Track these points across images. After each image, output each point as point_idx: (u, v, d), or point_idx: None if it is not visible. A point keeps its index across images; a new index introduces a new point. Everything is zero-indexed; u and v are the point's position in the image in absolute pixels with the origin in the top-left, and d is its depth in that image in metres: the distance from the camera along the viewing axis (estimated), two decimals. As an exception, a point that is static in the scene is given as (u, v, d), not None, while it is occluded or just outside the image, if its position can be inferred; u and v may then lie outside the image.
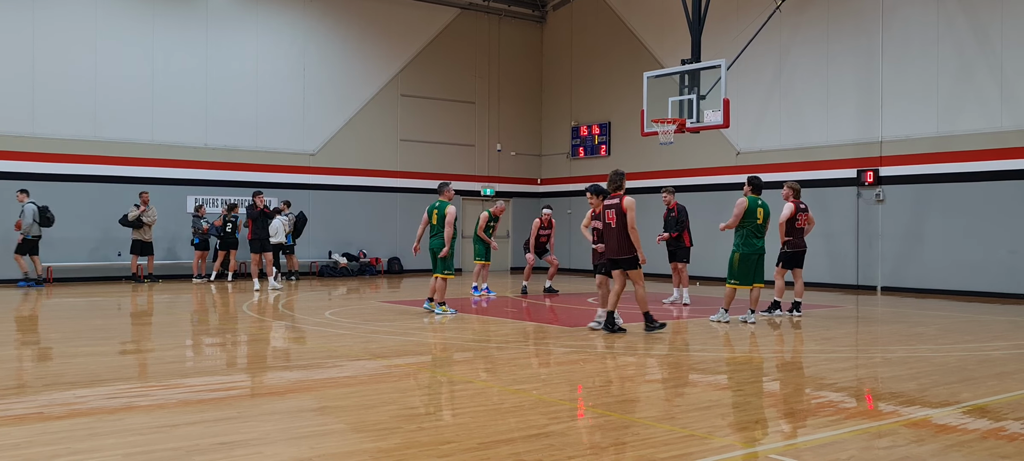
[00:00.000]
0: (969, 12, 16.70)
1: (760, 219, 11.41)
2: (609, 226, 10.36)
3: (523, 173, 26.12)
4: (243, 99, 21.27)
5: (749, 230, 11.39)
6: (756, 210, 11.37)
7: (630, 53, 23.24)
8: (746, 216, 11.35)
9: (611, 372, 7.83)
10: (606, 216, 10.40)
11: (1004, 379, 7.54)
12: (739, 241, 11.46)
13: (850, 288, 18.32)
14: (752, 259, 11.40)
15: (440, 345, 9.70)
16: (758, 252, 11.45)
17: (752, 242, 11.40)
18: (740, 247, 11.42)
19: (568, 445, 5.07)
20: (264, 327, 11.36)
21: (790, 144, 19.58)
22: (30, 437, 5.19)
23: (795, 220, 12.29)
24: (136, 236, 18.83)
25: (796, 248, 12.39)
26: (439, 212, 12.08)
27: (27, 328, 11.32)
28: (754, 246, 11.42)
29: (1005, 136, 16.13)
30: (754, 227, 11.38)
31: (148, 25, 20.05)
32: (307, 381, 7.24)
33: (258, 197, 17.64)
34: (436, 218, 12.11)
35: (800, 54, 19.43)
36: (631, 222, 10.15)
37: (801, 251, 12.45)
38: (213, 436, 5.23)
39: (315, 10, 22.37)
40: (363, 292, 17.19)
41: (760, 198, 11.55)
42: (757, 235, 11.42)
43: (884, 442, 5.29)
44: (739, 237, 11.45)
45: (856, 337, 10.77)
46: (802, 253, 12.47)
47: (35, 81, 18.72)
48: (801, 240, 12.42)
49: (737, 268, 11.44)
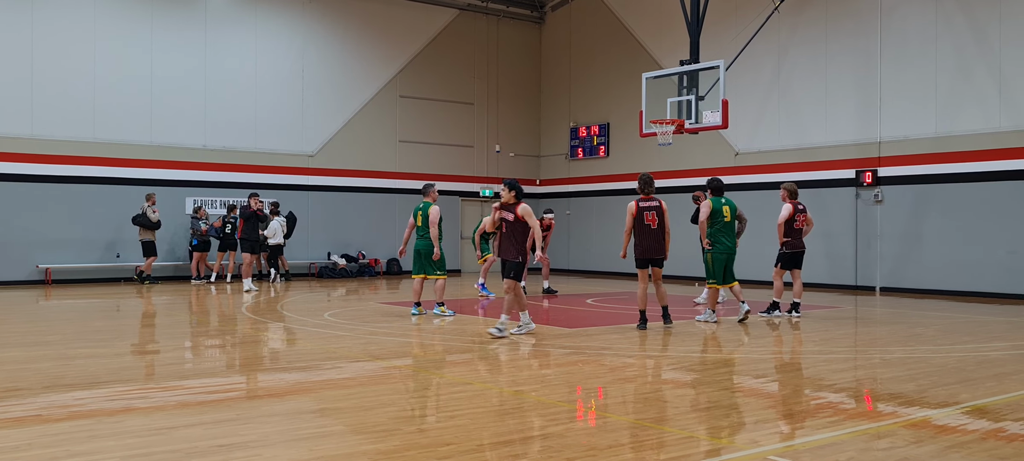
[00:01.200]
0: (967, 12, 16.71)
1: (728, 218, 11.63)
2: (649, 227, 10.81)
3: (522, 174, 26.11)
4: (242, 100, 21.27)
5: (718, 230, 11.61)
6: (722, 209, 11.62)
7: (629, 54, 23.25)
8: (713, 217, 11.58)
9: (609, 374, 7.83)
10: (646, 217, 10.86)
11: (1003, 380, 7.54)
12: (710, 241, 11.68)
13: (849, 289, 18.33)
14: (722, 258, 11.62)
15: (438, 347, 9.70)
16: (727, 251, 11.64)
17: (721, 241, 11.61)
18: (711, 247, 11.64)
19: (566, 447, 5.08)
20: (263, 329, 11.35)
21: (789, 145, 19.59)
22: (30, 439, 5.19)
23: (793, 221, 12.32)
24: (143, 237, 18.75)
25: (795, 248, 12.41)
26: (424, 213, 12.06)
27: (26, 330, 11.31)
28: (723, 245, 11.62)
29: (1004, 136, 16.14)
30: (722, 226, 11.60)
31: (147, 26, 20.05)
32: (306, 383, 7.24)
33: (253, 198, 17.66)
34: (421, 220, 12.10)
35: (799, 54, 19.44)
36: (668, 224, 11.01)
37: (800, 252, 12.47)
38: (212, 438, 5.23)
39: (314, 11, 22.38)
40: (362, 293, 17.18)
41: (723, 198, 11.77)
42: (725, 235, 11.64)
43: (883, 443, 5.29)
44: (710, 236, 11.67)
45: (855, 338, 10.77)
46: (801, 254, 12.49)
47: (34, 83, 18.72)
48: (800, 241, 12.44)
49: (712, 268, 11.65)
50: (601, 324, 11.77)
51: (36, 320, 12.52)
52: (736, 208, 11.87)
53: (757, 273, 18.67)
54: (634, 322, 11.17)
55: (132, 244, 19.44)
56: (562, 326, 11.61)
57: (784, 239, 12.36)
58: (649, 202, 10.88)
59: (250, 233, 17.41)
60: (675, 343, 9.86)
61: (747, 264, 17.85)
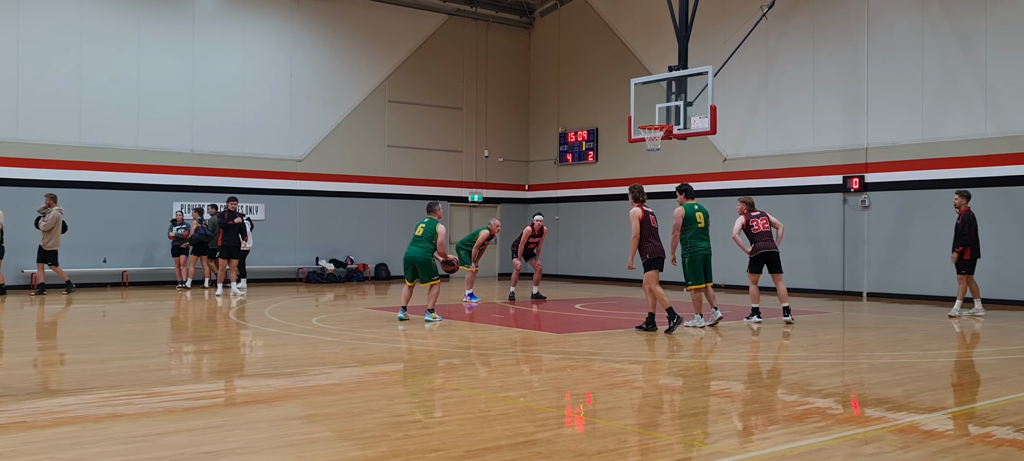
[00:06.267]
0: (953, 19, 16.82)
1: (701, 223, 11.84)
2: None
3: (510, 179, 26.13)
4: (230, 104, 21.20)
5: (692, 234, 11.80)
6: (695, 215, 11.82)
7: (617, 59, 23.29)
8: (686, 222, 11.76)
9: (598, 379, 7.83)
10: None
11: (990, 385, 7.58)
12: (684, 247, 11.89)
13: (836, 294, 18.40)
14: (698, 261, 11.77)
15: (427, 352, 9.67)
16: (703, 253, 11.80)
17: (696, 244, 11.79)
18: (687, 252, 11.84)
19: (555, 453, 5.07)
20: (250, 334, 11.29)
21: (776, 150, 19.66)
22: (13, 446, 5.14)
23: (750, 227, 12.56)
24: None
25: (759, 251, 12.50)
26: (427, 228, 12.17)
27: (10, 336, 11.22)
28: (698, 248, 11.79)
29: (989, 142, 16.25)
30: (695, 231, 11.80)
31: (133, 29, 19.95)
32: (293, 388, 7.21)
33: (232, 202, 17.61)
34: (421, 231, 12.19)
35: (786, 61, 19.52)
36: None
37: (769, 252, 12.50)
38: (198, 445, 5.19)
39: (302, 15, 22.33)
40: (350, 298, 17.13)
41: (696, 203, 11.98)
42: (700, 238, 11.82)
43: (871, 448, 5.31)
44: (683, 242, 11.87)
45: (842, 343, 10.81)
46: (772, 255, 12.51)
47: (19, 86, 18.60)
48: (767, 242, 12.54)
49: (689, 271, 11.82)
50: (590, 329, 11.77)
51: (21, 325, 12.42)
52: (708, 213, 12.06)
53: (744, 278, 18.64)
54: (623, 327, 11.20)
55: (120, 249, 19.35)
56: (550, 331, 11.61)
57: (747, 248, 12.62)
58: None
59: (229, 239, 17.35)
60: (664, 348, 9.86)
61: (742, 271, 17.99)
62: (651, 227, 11.17)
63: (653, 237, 11.16)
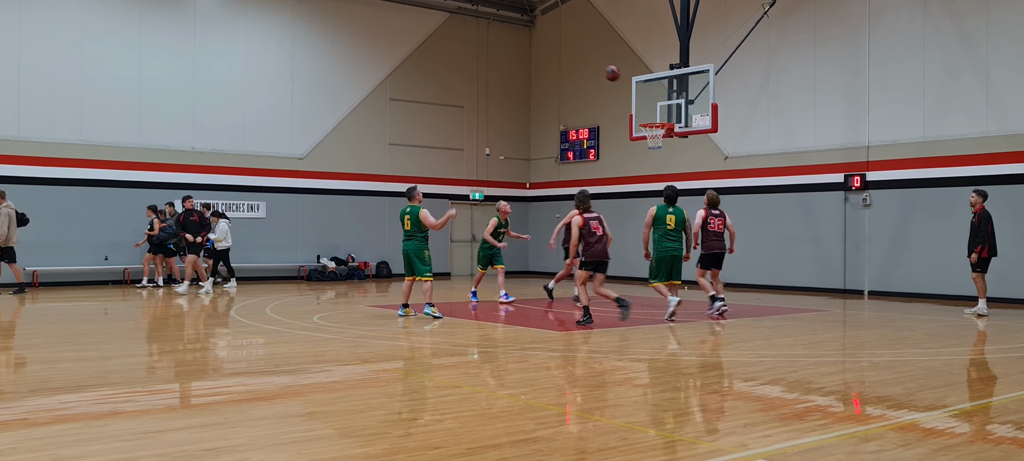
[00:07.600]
0: (954, 17, 16.80)
1: (671, 225, 12.40)
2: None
3: (512, 177, 26.12)
4: (231, 103, 21.21)
5: (660, 234, 12.40)
6: (666, 217, 12.40)
7: (619, 58, 23.20)
8: (656, 222, 12.39)
9: (598, 376, 7.83)
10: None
11: (990, 383, 7.58)
12: (652, 245, 12.51)
13: (837, 292, 18.39)
14: (666, 261, 12.40)
15: (428, 350, 9.68)
16: (670, 253, 12.40)
17: (663, 244, 12.40)
18: (655, 250, 12.47)
19: (556, 450, 5.07)
20: (251, 332, 11.30)
21: (777, 148, 19.65)
22: (15, 443, 5.15)
23: (707, 224, 13.07)
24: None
25: (709, 250, 13.12)
26: (411, 216, 12.17)
27: (10, 333, 11.23)
28: (664, 247, 12.39)
29: (991, 141, 16.23)
30: (664, 232, 12.38)
31: (135, 28, 19.96)
32: (294, 386, 7.21)
33: (187, 201, 17.64)
34: (409, 223, 12.20)
35: (788, 59, 19.50)
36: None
37: (716, 253, 13.16)
38: (199, 442, 5.20)
39: (303, 13, 22.33)
40: (351, 296, 17.14)
41: (672, 206, 12.50)
42: (668, 239, 12.41)
43: (871, 446, 5.31)
44: (652, 241, 12.51)
45: (843, 341, 10.81)
46: (717, 255, 13.20)
47: (21, 84, 18.61)
48: (716, 243, 13.13)
49: (654, 266, 12.48)
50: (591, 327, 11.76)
51: (22, 323, 12.44)
52: (684, 216, 12.50)
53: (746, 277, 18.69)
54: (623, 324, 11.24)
55: (121, 247, 19.36)
56: (551, 329, 11.61)
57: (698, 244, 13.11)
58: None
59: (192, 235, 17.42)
60: (665, 346, 9.86)
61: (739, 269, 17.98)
62: (591, 231, 11.66)
63: (596, 242, 11.63)
